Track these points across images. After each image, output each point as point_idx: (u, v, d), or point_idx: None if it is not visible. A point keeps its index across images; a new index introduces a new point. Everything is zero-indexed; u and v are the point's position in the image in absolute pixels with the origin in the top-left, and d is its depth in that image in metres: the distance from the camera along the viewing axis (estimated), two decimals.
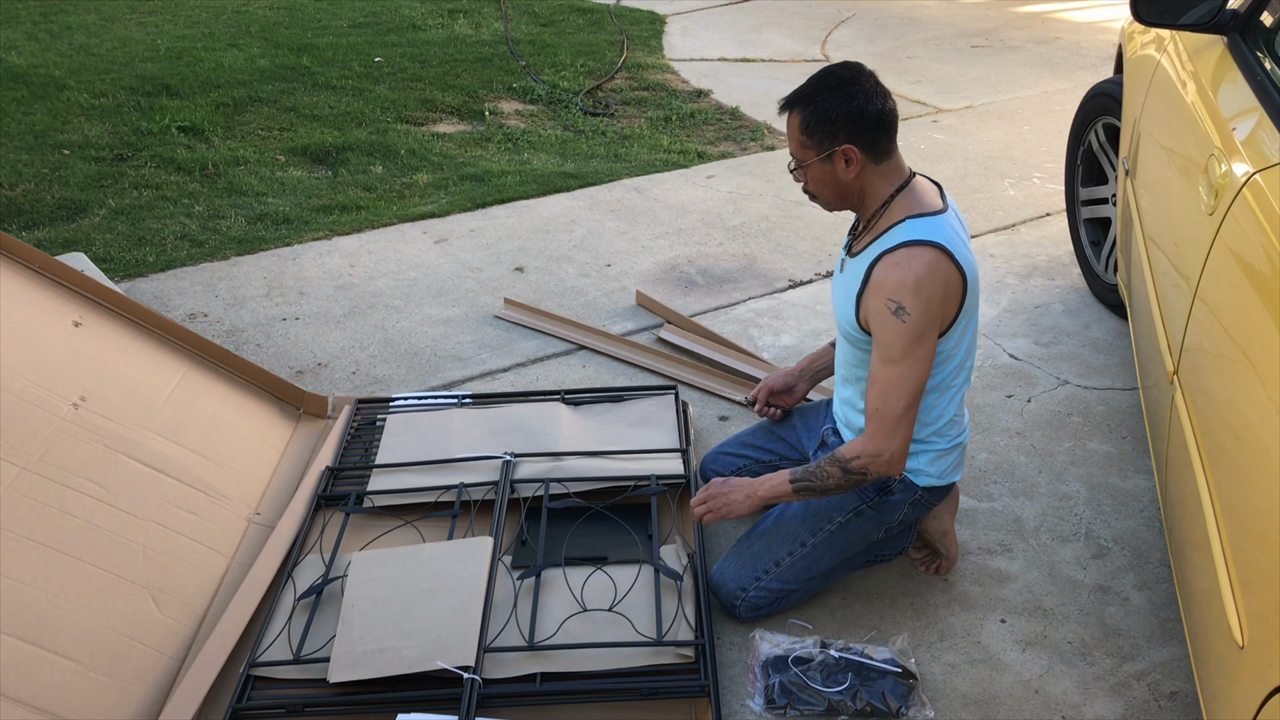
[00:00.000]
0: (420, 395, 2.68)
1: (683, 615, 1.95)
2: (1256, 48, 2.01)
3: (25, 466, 1.98)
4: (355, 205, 4.05)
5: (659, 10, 7.28)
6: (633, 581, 2.05)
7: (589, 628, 1.94)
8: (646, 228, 3.87)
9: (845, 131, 1.81)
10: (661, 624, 1.93)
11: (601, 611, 1.98)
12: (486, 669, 1.84)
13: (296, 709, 1.79)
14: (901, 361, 1.80)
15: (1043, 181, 4.25)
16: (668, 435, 2.49)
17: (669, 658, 1.87)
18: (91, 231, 3.76)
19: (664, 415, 2.57)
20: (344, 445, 2.51)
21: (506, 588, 2.04)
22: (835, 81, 1.82)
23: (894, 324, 1.79)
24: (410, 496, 2.31)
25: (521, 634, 1.92)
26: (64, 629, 1.80)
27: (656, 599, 1.99)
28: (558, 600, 2.01)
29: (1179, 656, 2.00)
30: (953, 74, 5.83)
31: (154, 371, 2.40)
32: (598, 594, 2.02)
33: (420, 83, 5.54)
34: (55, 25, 6.51)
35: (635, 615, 1.96)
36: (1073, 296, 3.34)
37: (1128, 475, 2.51)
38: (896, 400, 1.81)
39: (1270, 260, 1.46)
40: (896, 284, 1.78)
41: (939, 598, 2.15)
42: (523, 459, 2.39)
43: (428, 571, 2.04)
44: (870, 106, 1.81)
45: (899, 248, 1.80)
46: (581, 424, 2.56)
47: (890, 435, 1.82)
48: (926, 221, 1.82)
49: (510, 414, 2.58)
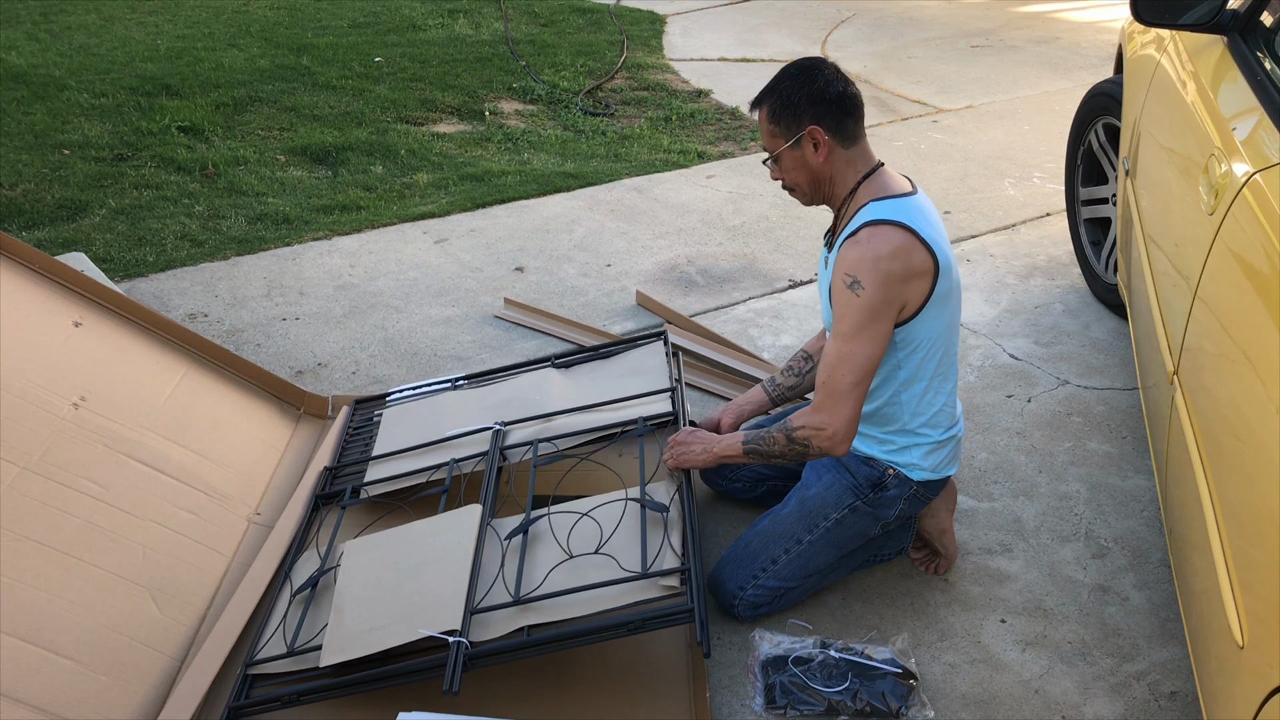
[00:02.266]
0: (415, 385, 2.68)
1: (669, 545, 1.90)
2: (1256, 48, 2.01)
3: (25, 466, 1.98)
4: (355, 205, 4.05)
5: (659, 10, 7.29)
6: (618, 521, 1.99)
7: (576, 574, 1.88)
8: (646, 228, 3.87)
9: (810, 113, 1.87)
10: (646, 558, 1.87)
11: (588, 555, 1.92)
12: (474, 631, 1.79)
13: (292, 700, 1.78)
14: (854, 338, 1.81)
15: (1043, 181, 4.25)
16: (657, 379, 2.43)
17: (655, 590, 1.82)
18: (91, 231, 3.76)
19: (653, 361, 2.52)
20: (342, 445, 2.51)
21: (496, 551, 1.99)
22: (795, 70, 1.90)
23: (848, 298, 1.80)
24: (403, 481, 2.29)
25: (509, 592, 1.86)
26: (64, 629, 1.80)
27: (642, 534, 1.93)
28: (546, 553, 1.96)
29: (1179, 656, 2.00)
30: (953, 74, 5.83)
31: (154, 371, 2.40)
32: (585, 540, 1.97)
33: (420, 83, 5.54)
34: (55, 25, 6.51)
35: (622, 554, 1.91)
36: (1073, 296, 3.34)
37: (1128, 475, 2.51)
38: (844, 374, 1.81)
39: (1270, 260, 1.46)
40: (855, 260, 1.81)
41: (939, 598, 2.15)
42: (513, 427, 2.35)
43: (416, 547, 2.01)
44: (831, 89, 1.87)
45: (862, 228, 1.84)
46: (572, 384, 2.51)
47: (835, 409, 1.82)
48: (890, 203, 1.86)
49: (502, 388, 2.55)
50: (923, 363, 1.92)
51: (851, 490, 2.01)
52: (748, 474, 2.32)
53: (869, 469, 2.00)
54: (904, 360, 1.92)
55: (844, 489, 2.01)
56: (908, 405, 1.96)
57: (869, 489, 2.00)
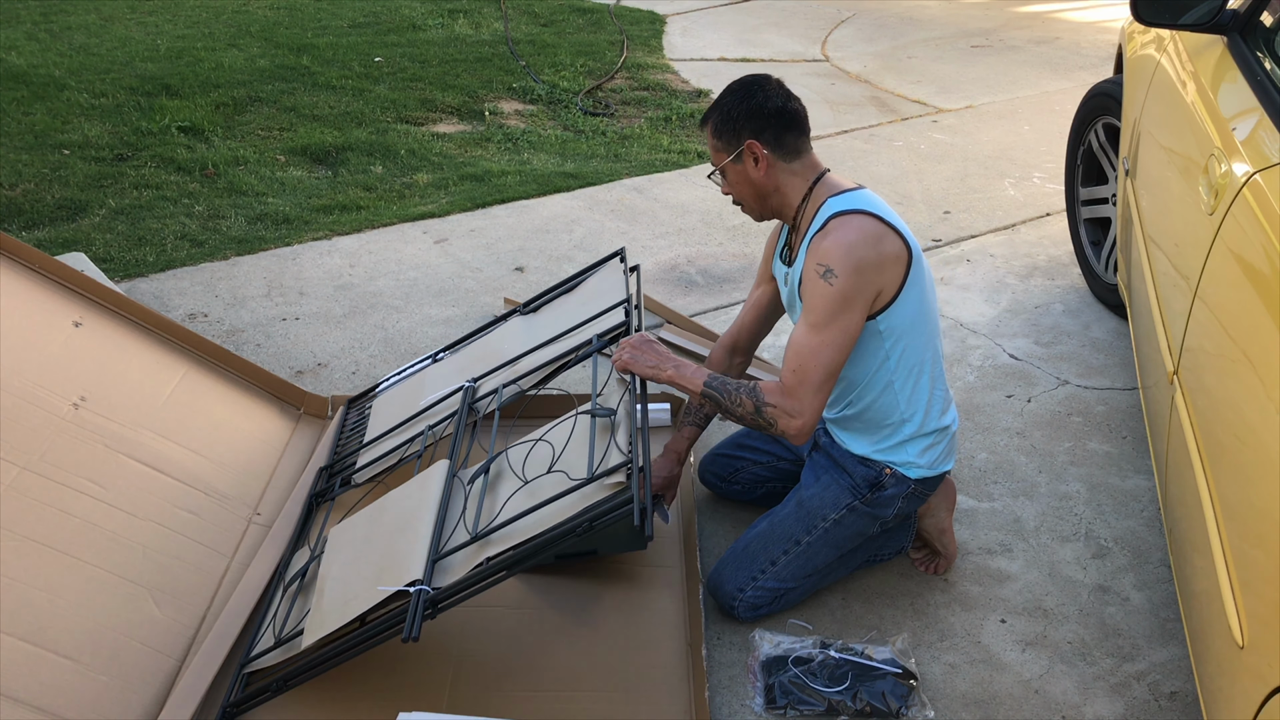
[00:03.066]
0: (399, 370, 2.68)
1: (614, 445, 1.86)
2: (1256, 48, 2.01)
3: (25, 466, 1.98)
4: (355, 205, 4.05)
5: (659, 10, 7.28)
6: (568, 437, 1.96)
7: (531, 498, 1.85)
8: (646, 228, 3.87)
9: (748, 128, 1.88)
10: (593, 463, 1.84)
11: (543, 477, 1.90)
12: (437, 578, 1.77)
13: (280, 687, 1.78)
14: (826, 327, 1.80)
15: (1043, 181, 4.25)
16: (614, 297, 2.37)
17: (603, 492, 1.76)
18: (91, 231, 3.76)
19: (612, 280, 2.48)
20: (338, 443, 2.51)
21: (460, 497, 1.97)
22: (737, 86, 1.93)
23: (821, 287, 1.80)
24: (386, 461, 2.29)
25: (469, 532, 1.85)
26: (64, 629, 1.80)
27: (590, 442, 1.91)
28: (505, 485, 1.95)
29: (1179, 656, 2.00)
30: (953, 74, 5.83)
31: (154, 371, 2.40)
32: (540, 463, 1.95)
33: (420, 83, 5.54)
34: (55, 25, 6.51)
35: (573, 468, 1.88)
36: (1073, 296, 3.34)
37: (1128, 475, 2.51)
38: (816, 366, 1.80)
39: (1270, 260, 1.46)
40: (826, 249, 1.81)
41: (939, 598, 2.15)
42: (482, 380, 2.34)
43: (389, 516, 2.01)
44: (770, 103, 1.88)
45: (830, 219, 1.84)
46: (539, 325, 2.49)
47: (808, 400, 1.81)
48: (849, 195, 1.88)
49: (475, 347, 2.56)
50: (908, 350, 1.92)
51: (849, 490, 2.01)
52: (746, 476, 2.32)
53: (866, 469, 2.00)
54: (890, 350, 1.92)
55: (842, 489, 2.01)
56: (901, 394, 1.96)
57: (867, 489, 2.00)
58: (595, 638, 1.99)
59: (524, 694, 1.87)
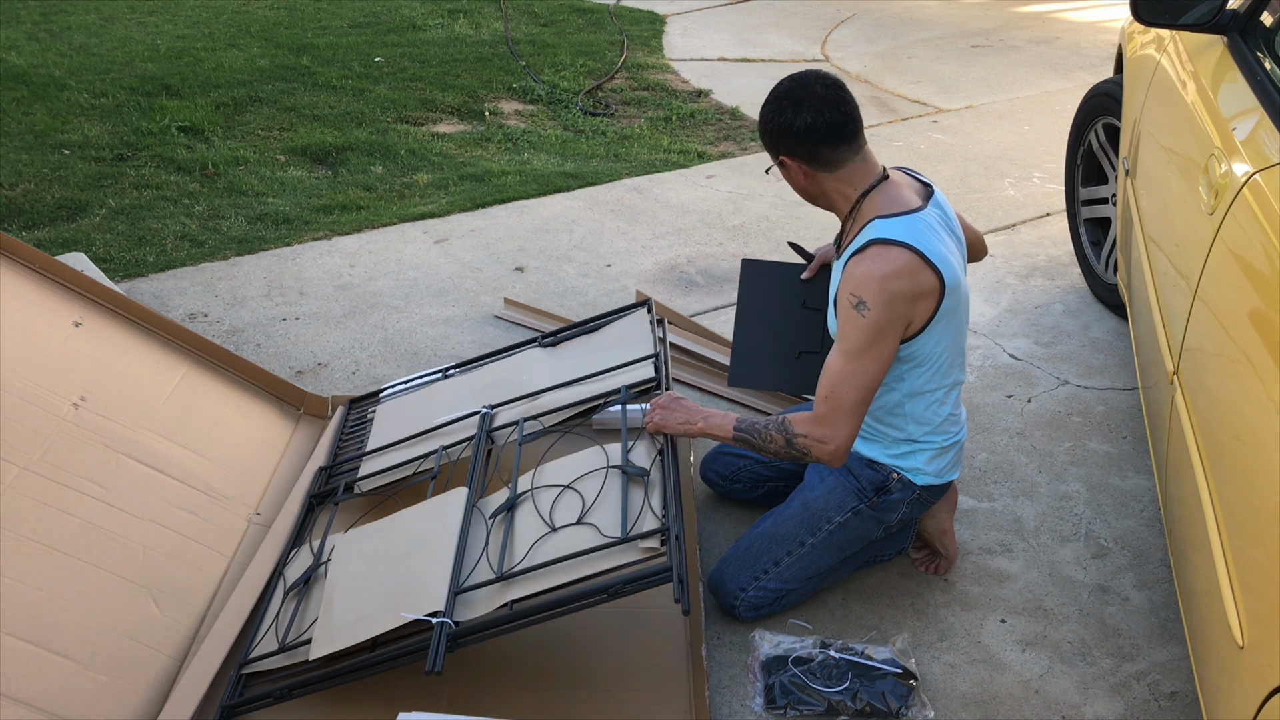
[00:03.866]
0: (407, 379, 2.67)
1: (649, 508, 1.87)
2: (1256, 48, 2.01)
3: (25, 466, 1.98)
4: (355, 205, 4.05)
5: (659, 10, 7.28)
6: (599, 490, 1.97)
7: (560, 546, 1.86)
8: (646, 228, 3.87)
9: (781, 145, 1.87)
10: (627, 522, 1.85)
11: (570, 526, 1.90)
12: (459, 612, 1.77)
13: (284, 695, 1.78)
14: (859, 357, 1.80)
15: (1043, 181, 4.25)
16: (641, 347, 2.40)
17: (636, 554, 1.77)
18: (91, 231, 3.76)
19: (637, 330, 2.49)
20: (337, 444, 2.51)
21: (481, 530, 1.98)
22: (773, 96, 1.88)
23: (854, 318, 1.80)
24: (395, 473, 2.29)
25: (493, 570, 1.85)
26: (64, 629, 1.80)
27: (623, 500, 1.91)
28: (530, 527, 1.94)
29: (1179, 656, 2.00)
30: (953, 74, 5.83)
31: (154, 371, 2.40)
32: (569, 512, 1.95)
33: (420, 83, 5.54)
34: (55, 25, 6.51)
35: (604, 522, 1.88)
36: (1073, 296, 3.34)
37: (1128, 475, 2.51)
38: (849, 393, 1.80)
39: (1270, 260, 1.46)
40: (860, 279, 1.80)
41: (939, 598, 2.15)
42: (500, 409, 2.34)
43: (403, 535, 2.00)
44: (799, 120, 1.83)
45: (867, 246, 1.82)
46: (558, 361, 2.50)
47: (839, 425, 1.81)
48: (895, 221, 1.83)
49: (489, 371, 2.55)
50: (929, 376, 1.92)
51: (855, 493, 2.01)
52: (748, 475, 2.32)
53: (872, 472, 2.00)
54: (907, 373, 1.91)
55: (847, 492, 2.01)
56: (912, 415, 1.96)
57: (872, 492, 2.00)
58: (595, 637, 1.99)
59: (524, 694, 1.87)
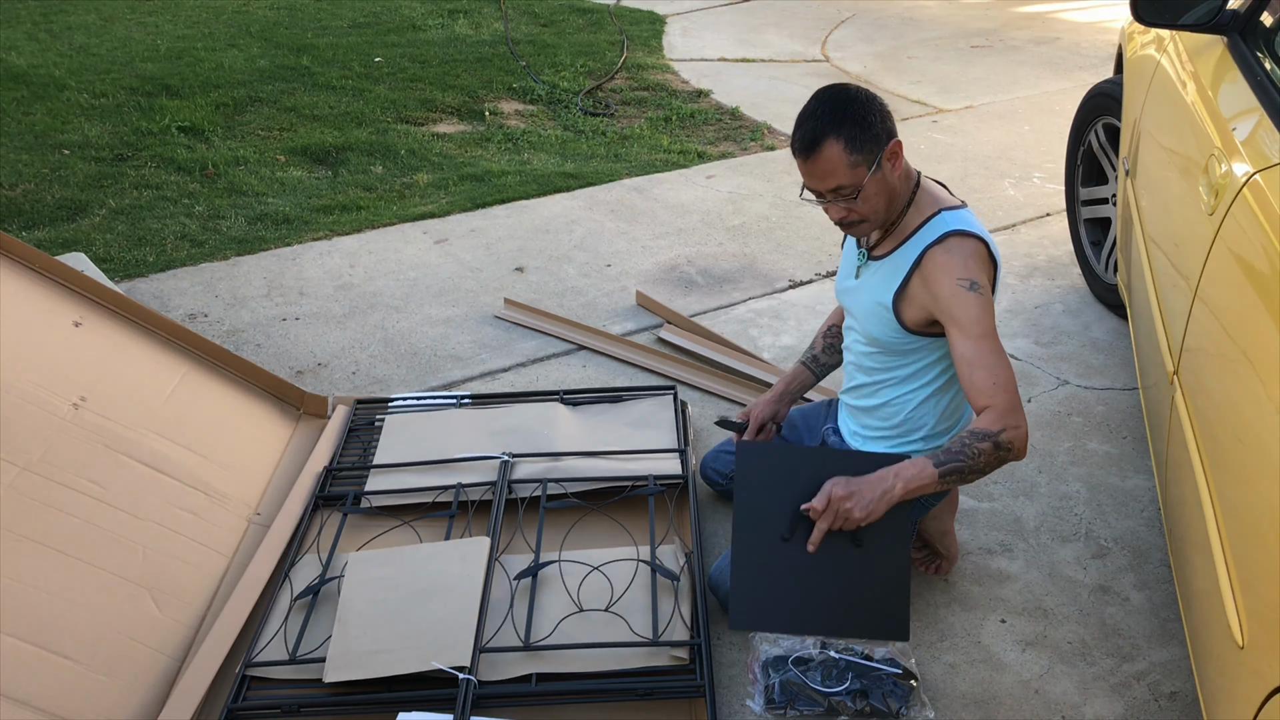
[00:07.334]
0: (419, 395, 2.68)
1: (679, 615, 1.95)
2: (1256, 48, 2.01)
3: (25, 466, 1.98)
4: (355, 205, 4.05)
5: (659, 10, 7.28)
6: (629, 582, 2.05)
7: (585, 628, 1.94)
8: (646, 228, 3.87)
9: (885, 129, 1.80)
10: (657, 625, 1.93)
11: (598, 612, 1.97)
12: (482, 670, 1.84)
13: (292, 709, 1.79)
14: (993, 334, 1.78)
15: (1043, 181, 4.25)
16: (666, 435, 2.49)
17: (664, 659, 1.87)
18: (91, 231, 3.76)
19: (662, 415, 2.57)
20: (341, 445, 2.51)
21: (503, 588, 2.04)
22: (843, 96, 1.81)
23: (975, 299, 1.78)
24: (407, 497, 2.31)
25: (518, 634, 1.92)
26: (64, 629, 1.80)
27: (653, 599, 1.99)
28: (554, 600, 2.01)
29: (1179, 656, 2.00)
30: (953, 74, 5.83)
31: (154, 371, 2.40)
32: (594, 594, 2.02)
33: (420, 83, 5.54)
34: (55, 25, 6.51)
35: (631, 616, 1.96)
36: (1073, 296, 3.34)
37: (1128, 475, 2.51)
38: (1006, 372, 1.77)
39: (1270, 260, 1.46)
40: (962, 263, 1.79)
41: (939, 598, 2.15)
42: (520, 459, 2.39)
43: (424, 572, 2.04)
44: (879, 100, 1.83)
45: (948, 237, 1.81)
46: (580, 424, 2.55)
47: (1018, 404, 1.76)
48: (959, 214, 1.85)
49: (508, 414, 2.58)
50: None
51: None
52: None
53: None
54: (947, 369, 1.92)
55: None
56: (934, 410, 1.96)
57: None
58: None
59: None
